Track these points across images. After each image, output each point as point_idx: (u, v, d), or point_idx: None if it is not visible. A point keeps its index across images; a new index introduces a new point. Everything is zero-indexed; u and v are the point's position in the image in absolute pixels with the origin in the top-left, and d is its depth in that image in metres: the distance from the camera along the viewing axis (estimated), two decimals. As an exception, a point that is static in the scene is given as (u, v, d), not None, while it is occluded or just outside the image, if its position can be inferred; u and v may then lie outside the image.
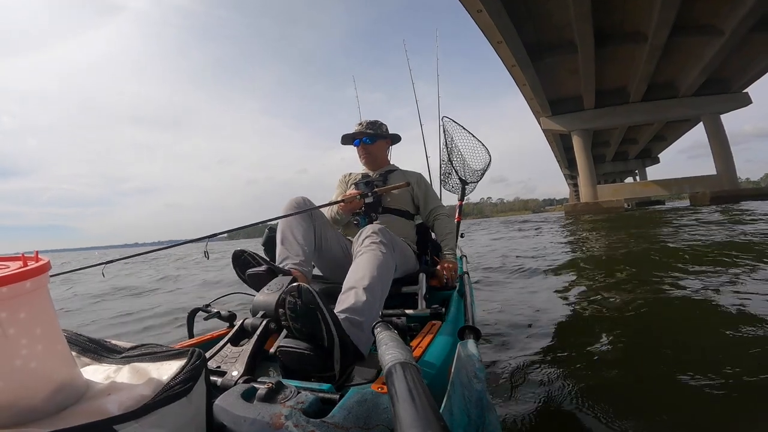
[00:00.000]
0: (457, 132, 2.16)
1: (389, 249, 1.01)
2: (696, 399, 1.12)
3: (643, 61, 16.70)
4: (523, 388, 1.25)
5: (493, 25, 13.70)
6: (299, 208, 1.19)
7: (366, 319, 0.81)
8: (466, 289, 1.23)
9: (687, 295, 2.16)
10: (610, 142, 31.97)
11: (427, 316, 1.06)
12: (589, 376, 1.31)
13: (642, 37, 15.36)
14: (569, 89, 20.71)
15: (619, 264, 3.60)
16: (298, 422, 0.41)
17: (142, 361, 0.43)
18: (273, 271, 0.96)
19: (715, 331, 1.57)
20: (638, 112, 22.23)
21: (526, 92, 20.53)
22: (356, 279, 0.89)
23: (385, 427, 0.45)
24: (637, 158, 41.06)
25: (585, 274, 3.33)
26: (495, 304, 2.44)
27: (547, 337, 1.75)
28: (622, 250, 4.49)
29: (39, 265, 0.36)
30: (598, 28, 14.35)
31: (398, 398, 0.35)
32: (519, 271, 3.69)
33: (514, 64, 16.62)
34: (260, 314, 0.70)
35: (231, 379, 0.56)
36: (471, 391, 0.56)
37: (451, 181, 2.26)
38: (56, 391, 0.35)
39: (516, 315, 2.16)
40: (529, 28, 14.93)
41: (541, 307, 2.29)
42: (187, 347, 0.43)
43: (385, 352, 0.47)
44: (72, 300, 4.04)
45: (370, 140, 1.61)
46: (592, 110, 22.52)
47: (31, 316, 0.35)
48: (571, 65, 17.38)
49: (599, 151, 35.61)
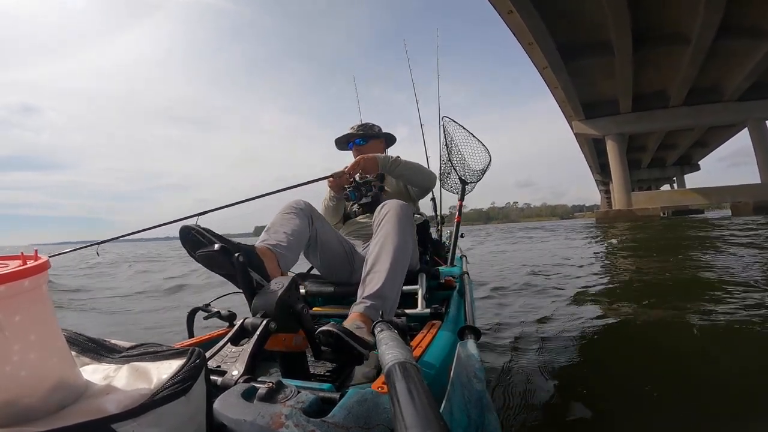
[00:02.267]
0: (456, 132, 2.16)
1: (409, 223, 1.06)
2: (696, 402, 1.12)
3: (685, 64, 15.92)
4: (523, 388, 1.25)
5: (524, 27, 13.27)
6: (297, 206, 1.15)
7: (389, 298, 0.91)
8: (466, 289, 1.23)
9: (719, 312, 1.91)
10: (647, 147, 30.73)
11: (427, 316, 1.06)
12: (590, 377, 1.31)
13: (684, 40, 14.62)
14: (604, 92, 19.88)
15: (647, 276, 3.42)
16: (299, 422, 0.41)
17: (142, 361, 0.43)
18: (227, 250, 0.82)
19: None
20: (679, 116, 21.40)
21: (558, 95, 19.89)
22: (380, 258, 0.97)
23: (386, 427, 0.45)
24: (676, 165, 39.24)
25: (607, 283, 3.20)
26: (500, 308, 2.44)
27: (549, 338, 1.75)
28: (655, 264, 4.21)
29: (38, 263, 0.36)
30: (635, 29, 13.70)
31: (398, 398, 0.35)
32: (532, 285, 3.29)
33: (545, 66, 16.14)
34: (260, 314, 0.70)
35: (231, 379, 0.56)
36: (471, 391, 0.56)
37: (450, 181, 2.26)
38: (55, 390, 0.35)
39: (519, 316, 2.17)
40: (561, 29, 14.33)
41: (546, 310, 2.29)
42: (186, 347, 0.43)
43: (385, 352, 0.47)
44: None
45: (363, 141, 1.62)
46: (628, 114, 21.55)
47: (30, 315, 0.35)
48: (606, 68, 16.67)
49: (635, 157, 33.71)
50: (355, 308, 0.88)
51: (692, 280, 3.02)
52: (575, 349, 1.59)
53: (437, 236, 2.24)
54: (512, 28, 13.80)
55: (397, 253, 0.98)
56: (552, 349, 1.59)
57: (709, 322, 1.76)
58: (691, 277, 3.16)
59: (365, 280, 0.95)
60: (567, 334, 1.78)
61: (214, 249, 0.81)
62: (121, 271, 7.10)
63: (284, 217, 1.11)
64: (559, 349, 1.59)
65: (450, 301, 1.23)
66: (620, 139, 22.58)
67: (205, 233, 0.85)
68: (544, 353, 1.55)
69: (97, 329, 2.53)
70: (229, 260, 0.81)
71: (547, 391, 1.22)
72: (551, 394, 1.19)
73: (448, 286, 1.36)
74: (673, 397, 1.13)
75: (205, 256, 0.83)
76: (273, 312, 0.68)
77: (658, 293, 2.60)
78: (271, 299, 0.70)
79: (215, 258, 0.82)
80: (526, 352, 1.58)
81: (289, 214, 1.12)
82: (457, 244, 2.07)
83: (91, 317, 2.94)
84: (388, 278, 0.93)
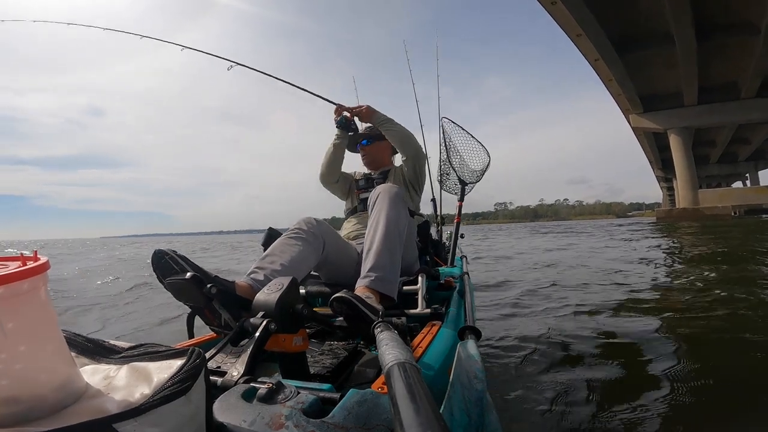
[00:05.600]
0: (455, 132, 2.16)
1: (399, 200, 1.10)
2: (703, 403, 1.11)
3: (757, 54, 14.79)
4: (523, 388, 1.25)
5: (571, 18, 12.54)
6: (309, 228, 1.10)
7: (386, 266, 0.98)
8: (466, 289, 1.23)
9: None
10: (716, 142, 28.67)
11: (427, 316, 1.05)
12: (590, 377, 1.31)
13: (753, 29, 13.64)
14: (666, 84, 18.74)
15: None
16: (298, 422, 0.41)
17: (141, 361, 0.43)
18: (199, 280, 0.76)
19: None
20: (753, 109, 19.53)
21: (612, 87, 18.74)
22: (376, 235, 1.03)
23: (385, 427, 0.45)
24: (749, 160, 36.83)
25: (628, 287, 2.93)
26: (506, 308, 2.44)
27: (550, 339, 1.75)
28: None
29: (37, 265, 0.36)
30: (696, 17, 12.80)
31: (398, 398, 0.35)
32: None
33: (597, 58, 15.33)
34: (260, 314, 0.69)
35: (231, 379, 0.56)
36: (471, 392, 0.56)
37: (449, 182, 2.26)
38: (55, 390, 0.35)
39: (522, 318, 2.16)
40: (613, 19, 13.47)
41: (551, 311, 2.29)
42: (186, 347, 0.43)
43: (385, 352, 0.47)
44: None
45: (368, 141, 1.70)
46: (694, 107, 20.19)
47: (30, 316, 0.35)
48: (667, 59, 15.68)
49: (702, 152, 31.44)
50: (361, 282, 0.95)
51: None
52: (579, 349, 1.59)
53: (437, 237, 2.24)
54: (558, 19, 13.09)
55: (390, 225, 1.04)
56: (553, 349, 1.59)
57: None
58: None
59: (366, 258, 1.00)
60: (570, 334, 1.78)
61: (185, 278, 0.75)
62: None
63: (287, 243, 1.04)
64: (560, 349, 1.59)
65: (450, 301, 1.23)
66: (685, 133, 21.19)
67: (179, 260, 0.78)
68: (544, 353, 1.55)
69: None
70: (200, 291, 0.76)
71: (548, 391, 1.22)
72: (552, 394, 1.19)
73: (448, 287, 1.36)
74: (683, 403, 1.12)
75: (175, 284, 0.77)
76: (273, 312, 0.68)
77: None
78: (271, 299, 0.70)
79: (185, 287, 0.76)
80: (525, 349, 1.58)
81: (293, 239, 1.06)
82: (457, 244, 2.07)
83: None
84: (384, 248, 1.00)
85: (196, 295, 0.77)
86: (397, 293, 1.10)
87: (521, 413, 1.10)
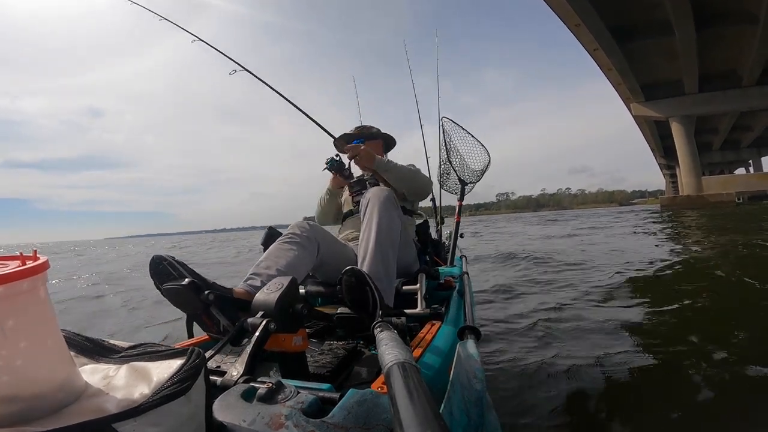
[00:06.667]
0: (455, 132, 2.16)
1: (390, 203, 1.10)
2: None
3: (756, 43, 14.76)
4: (523, 388, 1.25)
5: (568, 8, 12.52)
6: (302, 233, 1.10)
7: (384, 281, 0.98)
8: (466, 289, 1.23)
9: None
10: (719, 129, 28.47)
11: (427, 316, 1.05)
12: (591, 378, 1.31)
13: (752, 18, 13.50)
14: (666, 73, 18.58)
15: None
16: (298, 422, 0.41)
17: (141, 361, 0.43)
18: (197, 286, 0.76)
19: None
20: (754, 96, 19.52)
21: (612, 77, 18.68)
22: (369, 241, 1.03)
23: (385, 427, 0.45)
24: (752, 147, 36.44)
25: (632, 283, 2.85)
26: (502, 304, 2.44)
27: (550, 339, 1.75)
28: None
29: (37, 264, 0.36)
30: (695, 6, 12.73)
31: (398, 398, 0.35)
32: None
33: (596, 48, 15.28)
34: (260, 314, 0.69)
35: (231, 379, 0.56)
36: (471, 392, 0.56)
37: (449, 182, 2.27)
38: (55, 390, 0.35)
39: (520, 317, 2.16)
40: (611, 9, 13.40)
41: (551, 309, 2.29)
42: (186, 347, 0.43)
43: (385, 352, 0.47)
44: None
45: (360, 142, 1.64)
46: (694, 95, 20.06)
47: (29, 316, 0.35)
48: (667, 48, 15.58)
49: (704, 139, 31.07)
50: None
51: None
52: (581, 349, 1.59)
53: (437, 236, 2.24)
54: (556, 9, 13.06)
55: (382, 233, 1.04)
56: (554, 349, 1.59)
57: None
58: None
59: (360, 268, 0.97)
60: (572, 334, 1.78)
61: (182, 284, 0.75)
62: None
63: (281, 248, 1.04)
64: (561, 348, 1.59)
65: (450, 301, 1.24)
66: (687, 121, 21.06)
67: (177, 266, 0.79)
68: (544, 353, 1.55)
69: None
70: (198, 297, 0.76)
71: (548, 391, 1.22)
72: (552, 394, 1.19)
73: (447, 286, 1.36)
74: (683, 402, 1.12)
75: (172, 290, 0.77)
76: (273, 312, 0.68)
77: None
78: (270, 299, 0.70)
79: (182, 294, 0.76)
80: (525, 349, 1.57)
81: (287, 244, 1.06)
82: (457, 244, 2.07)
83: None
84: (377, 257, 1.00)
85: (194, 301, 0.77)
86: (397, 293, 1.10)
87: (521, 413, 1.10)
